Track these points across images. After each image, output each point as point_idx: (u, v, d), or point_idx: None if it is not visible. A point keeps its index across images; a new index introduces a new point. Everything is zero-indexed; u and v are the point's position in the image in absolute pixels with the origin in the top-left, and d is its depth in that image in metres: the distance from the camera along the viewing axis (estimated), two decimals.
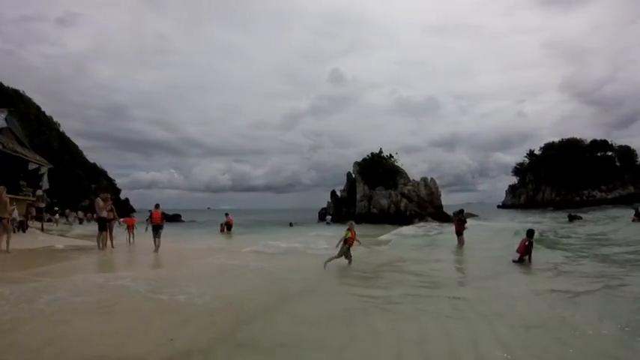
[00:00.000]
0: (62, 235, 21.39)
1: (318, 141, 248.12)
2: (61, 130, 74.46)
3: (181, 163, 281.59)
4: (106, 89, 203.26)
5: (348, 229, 12.67)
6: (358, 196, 49.68)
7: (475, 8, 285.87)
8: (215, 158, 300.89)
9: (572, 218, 35.85)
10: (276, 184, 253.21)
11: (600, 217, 38.00)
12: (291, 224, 44.96)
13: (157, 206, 15.96)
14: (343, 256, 12.48)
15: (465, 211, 20.89)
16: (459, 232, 17.93)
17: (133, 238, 18.93)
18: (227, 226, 29.85)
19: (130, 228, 19.26)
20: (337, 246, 12.63)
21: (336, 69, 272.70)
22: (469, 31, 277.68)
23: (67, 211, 38.65)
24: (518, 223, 32.49)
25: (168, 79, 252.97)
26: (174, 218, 56.51)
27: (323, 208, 57.58)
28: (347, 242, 12.51)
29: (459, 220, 18.54)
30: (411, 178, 50.66)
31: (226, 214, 31.16)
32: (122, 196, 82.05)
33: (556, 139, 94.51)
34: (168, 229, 16.03)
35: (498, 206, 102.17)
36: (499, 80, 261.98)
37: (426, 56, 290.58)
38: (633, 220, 25.36)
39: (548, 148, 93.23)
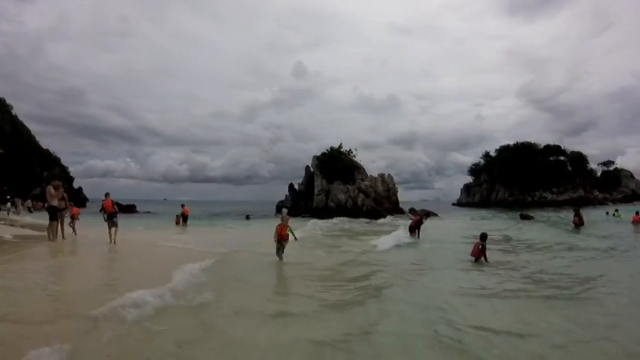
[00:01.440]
0: (12, 225, 20.67)
1: (278, 134, 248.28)
2: (13, 113, 72.01)
3: (138, 151, 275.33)
4: (62, 71, 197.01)
5: (280, 225, 12.28)
6: (316, 190, 50.66)
7: (442, 12, 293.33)
8: (173, 148, 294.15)
9: (523, 218, 37.19)
10: (235, 175, 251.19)
11: (552, 217, 39.93)
12: (247, 217, 45.29)
13: (107, 195, 15.90)
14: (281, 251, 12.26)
15: (422, 210, 22.49)
16: (413, 230, 19.47)
17: (74, 229, 17.92)
18: (183, 218, 29.48)
19: (74, 218, 18.55)
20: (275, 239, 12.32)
21: (299, 62, 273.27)
22: (434, 33, 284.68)
23: (16, 199, 37.85)
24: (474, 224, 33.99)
25: (128, 63, 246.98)
26: (129, 209, 55.43)
27: (280, 201, 58.26)
28: (279, 237, 12.14)
29: (419, 218, 20.31)
30: (369, 174, 52.04)
31: (182, 205, 30.69)
32: (75, 184, 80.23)
33: (511, 142, 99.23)
34: (120, 221, 15.85)
35: (453, 204, 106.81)
36: (460, 83, 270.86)
37: (390, 55, 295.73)
38: (574, 221, 26.77)
39: (504, 150, 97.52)
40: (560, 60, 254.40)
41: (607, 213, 39.01)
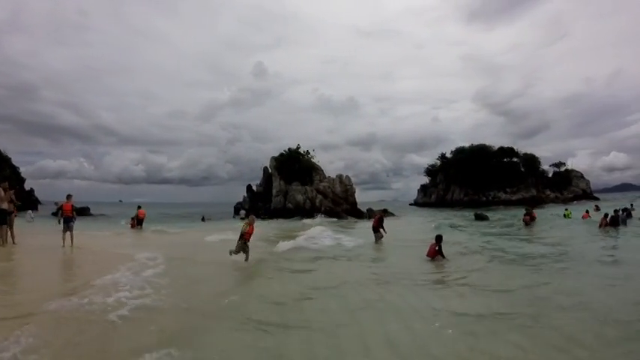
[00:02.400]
0: None
1: (236, 134, 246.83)
2: None
3: (92, 151, 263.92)
4: (14, 65, 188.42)
5: (247, 223, 12.80)
6: (274, 191, 50.96)
7: (403, 16, 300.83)
8: (129, 148, 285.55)
9: (478, 217, 37.93)
10: (192, 176, 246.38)
11: (506, 216, 41.49)
12: (203, 219, 45.06)
13: (68, 197, 15.55)
14: (242, 252, 12.57)
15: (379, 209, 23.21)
16: (376, 229, 19.70)
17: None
18: (138, 221, 28.87)
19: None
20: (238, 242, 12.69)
21: (260, 62, 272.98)
22: (395, 37, 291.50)
23: None
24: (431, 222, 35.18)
25: (84, 58, 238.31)
26: (83, 211, 53.52)
27: (238, 203, 58.19)
28: (244, 237, 12.49)
29: (378, 217, 20.63)
30: (327, 175, 52.79)
31: (138, 207, 30.05)
32: (27, 186, 76.73)
33: (466, 144, 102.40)
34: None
35: (410, 204, 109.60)
36: (418, 86, 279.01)
37: (350, 57, 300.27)
38: (524, 220, 28.26)
39: (459, 152, 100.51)
40: (515, 67, 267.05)
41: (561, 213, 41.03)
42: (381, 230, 19.66)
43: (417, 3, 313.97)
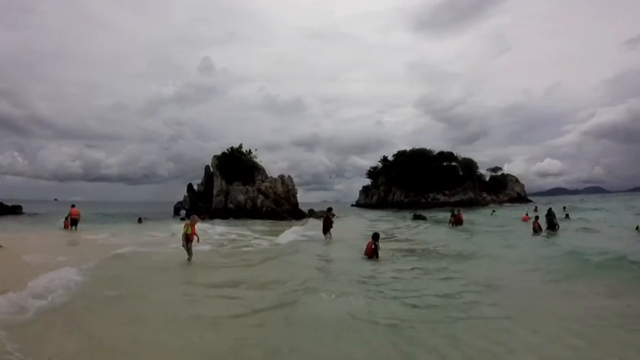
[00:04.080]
0: None
1: (179, 131, 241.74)
2: None
3: (26, 144, 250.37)
4: None
5: (189, 225, 13.17)
6: (215, 191, 50.93)
7: (354, 20, 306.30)
8: (65, 142, 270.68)
9: (416, 218, 39.31)
10: (131, 174, 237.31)
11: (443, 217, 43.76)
12: (140, 220, 42.68)
13: None
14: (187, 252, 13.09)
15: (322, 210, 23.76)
16: (327, 229, 19.96)
17: None
18: (71, 221, 27.49)
19: None
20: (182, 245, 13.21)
21: (207, 57, 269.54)
22: (345, 40, 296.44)
23: None
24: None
25: (24, 42, 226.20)
26: (13, 210, 51.06)
27: (179, 202, 57.36)
28: (188, 239, 13.02)
29: (326, 216, 20.80)
30: (270, 175, 53.39)
31: (72, 206, 28.43)
32: None
33: (408, 148, 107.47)
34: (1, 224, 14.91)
35: (352, 205, 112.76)
36: (364, 90, 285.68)
37: (299, 58, 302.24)
38: (450, 221, 29.76)
39: (401, 155, 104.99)
40: (459, 75, 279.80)
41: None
42: (329, 233, 19.89)
43: (369, 9, 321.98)
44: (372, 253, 13.71)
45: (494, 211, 45.94)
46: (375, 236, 14.24)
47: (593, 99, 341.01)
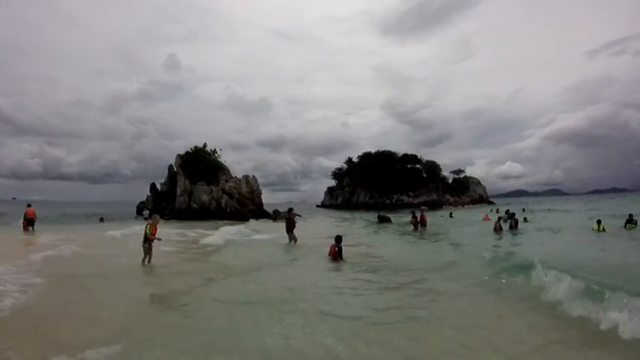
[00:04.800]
0: None
1: (142, 129, 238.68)
2: None
3: None
4: None
5: (150, 225, 12.95)
6: (179, 191, 50.42)
7: (321, 23, 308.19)
8: (25, 138, 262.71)
9: (381, 219, 39.20)
10: (93, 173, 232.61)
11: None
12: (101, 219, 43.34)
13: None
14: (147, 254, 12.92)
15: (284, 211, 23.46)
16: (291, 230, 19.67)
17: None
18: (27, 221, 26.55)
19: None
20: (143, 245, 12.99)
21: (173, 54, 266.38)
22: (312, 42, 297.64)
23: None
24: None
25: None
26: None
27: (141, 202, 56.95)
28: (148, 239, 12.79)
29: (289, 216, 20.34)
30: (234, 175, 53.32)
31: (28, 205, 27.40)
32: None
33: (373, 150, 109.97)
34: None
35: (317, 206, 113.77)
36: (330, 92, 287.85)
37: (266, 58, 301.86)
38: (412, 222, 29.25)
39: (366, 156, 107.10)
40: (424, 80, 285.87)
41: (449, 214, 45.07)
42: (294, 233, 19.72)
43: (336, 12, 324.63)
44: (335, 254, 14.02)
45: (452, 213, 47.23)
46: (338, 239, 14.56)
47: (553, 105, 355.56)
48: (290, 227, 19.79)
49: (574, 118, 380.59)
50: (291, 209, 21.65)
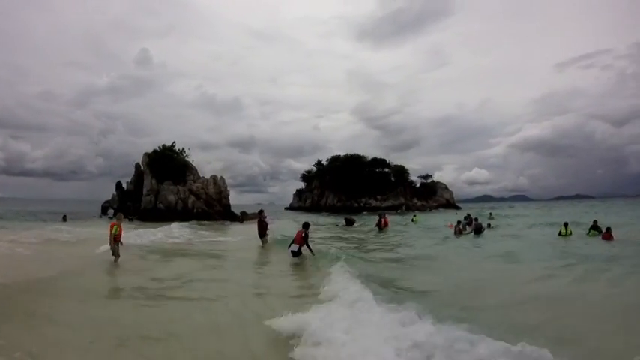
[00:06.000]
0: None
1: (110, 125, 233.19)
2: None
3: None
4: None
5: (117, 225, 13.07)
6: (145, 190, 50.17)
7: (298, 25, 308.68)
8: None
9: (348, 221, 39.83)
10: (58, 169, 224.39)
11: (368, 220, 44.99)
12: (64, 218, 42.49)
13: None
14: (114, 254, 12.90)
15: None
16: (263, 233, 18.90)
17: None
18: None
19: None
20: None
21: (145, 49, 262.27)
22: (286, 43, 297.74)
23: None
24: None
25: None
26: None
27: (107, 201, 56.09)
28: (115, 239, 12.85)
29: (259, 218, 19.59)
30: (202, 176, 53.19)
31: None
32: None
33: (342, 153, 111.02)
34: None
35: (286, 208, 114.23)
36: (303, 94, 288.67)
37: (239, 57, 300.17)
38: (377, 225, 30.69)
39: (335, 160, 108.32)
40: (396, 86, 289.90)
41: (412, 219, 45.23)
42: (266, 236, 19.10)
43: (313, 14, 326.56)
44: (301, 241, 14.08)
45: (414, 216, 48.20)
46: (306, 225, 14.67)
47: (521, 115, 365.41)
48: (262, 230, 18.99)
49: (540, 127, 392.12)
50: (261, 211, 20.40)
